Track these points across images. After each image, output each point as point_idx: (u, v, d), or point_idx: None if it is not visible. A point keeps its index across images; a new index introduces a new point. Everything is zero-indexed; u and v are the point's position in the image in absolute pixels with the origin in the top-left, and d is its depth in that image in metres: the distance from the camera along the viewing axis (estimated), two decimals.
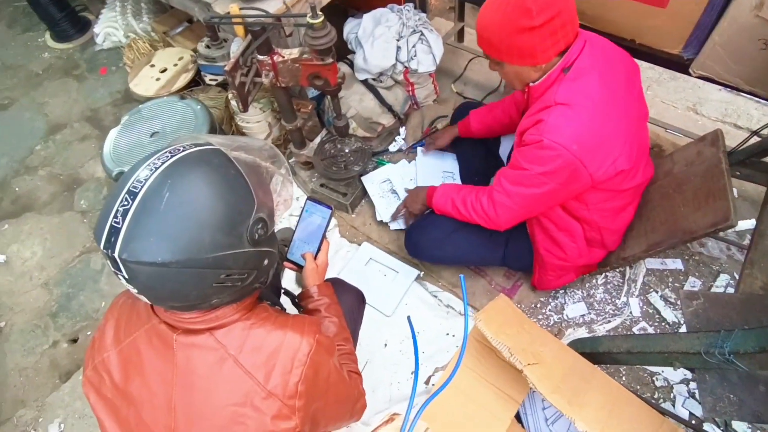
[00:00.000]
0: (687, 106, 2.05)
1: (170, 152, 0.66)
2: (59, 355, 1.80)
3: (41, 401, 1.67)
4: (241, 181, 0.68)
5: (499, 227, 1.31)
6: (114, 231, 0.60)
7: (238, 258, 0.67)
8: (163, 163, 0.63)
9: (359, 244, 1.83)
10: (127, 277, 0.62)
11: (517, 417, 1.26)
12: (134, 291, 0.65)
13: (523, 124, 1.19)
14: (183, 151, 0.67)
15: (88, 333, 1.84)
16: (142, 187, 0.61)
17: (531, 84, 1.18)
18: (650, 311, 1.55)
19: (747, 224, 1.64)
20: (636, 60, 1.25)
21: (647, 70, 2.12)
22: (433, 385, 1.46)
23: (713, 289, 1.57)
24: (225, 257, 0.65)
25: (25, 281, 1.99)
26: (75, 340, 1.83)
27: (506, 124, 1.59)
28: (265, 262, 0.74)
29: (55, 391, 1.69)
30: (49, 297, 1.95)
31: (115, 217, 0.60)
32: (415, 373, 0.48)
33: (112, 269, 0.64)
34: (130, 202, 0.60)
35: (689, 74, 1.44)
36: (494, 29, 1.08)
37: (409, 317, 0.67)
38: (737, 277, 1.55)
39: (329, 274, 1.14)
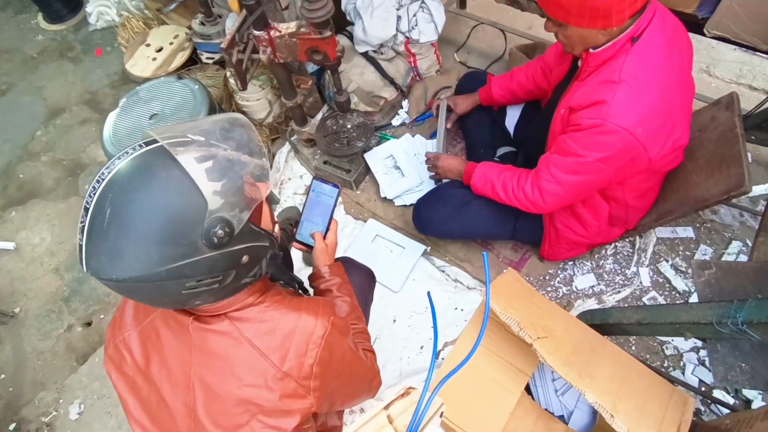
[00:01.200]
0: (700, 68, 1.98)
1: (118, 158, 0.61)
2: (75, 339, 1.83)
3: (60, 383, 1.72)
4: (185, 183, 0.59)
5: (544, 212, 1.28)
6: (80, 248, 0.59)
7: (198, 265, 0.61)
8: (109, 173, 0.60)
9: (365, 221, 1.82)
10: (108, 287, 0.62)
11: (527, 389, 1.27)
12: None
13: (576, 99, 1.08)
14: (126, 156, 0.61)
15: (102, 316, 1.87)
16: (91, 203, 0.59)
17: (592, 50, 1.06)
18: (660, 281, 1.54)
19: (761, 189, 1.61)
20: None
21: None
22: (443, 359, 1.47)
23: (725, 257, 1.54)
24: (180, 268, 0.60)
25: (36, 267, 2.02)
26: (89, 324, 1.87)
27: (531, 91, 1.51)
28: (244, 258, 0.68)
29: (73, 373, 1.73)
30: (60, 282, 1.97)
31: (80, 233, 0.59)
32: (434, 347, 0.47)
33: None
34: (84, 219, 0.59)
35: (703, 34, 1.38)
36: None
37: (428, 293, 0.65)
38: (750, 243, 1.52)
39: (336, 252, 1.14)
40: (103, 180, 0.59)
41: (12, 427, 1.64)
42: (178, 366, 0.76)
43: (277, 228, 0.81)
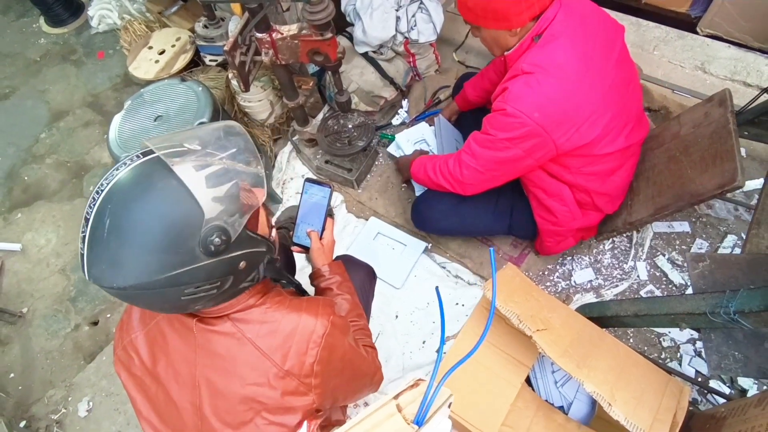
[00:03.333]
0: (695, 65, 2.00)
1: (116, 168, 0.63)
2: (82, 338, 1.86)
3: (69, 381, 1.74)
4: (182, 193, 0.61)
5: (465, 191, 1.35)
6: (81, 257, 0.61)
7: (196, 273, 0.63)
8: (108, 184, 0.61)
9: (366, 219, 1.84)
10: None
11: (528, 381, 1.30)
12: None
13: (495, 92, 1.22)
14: (124, 167, 0.63)
15: (108, 315, 1.90)
16: (91, 213, 0.60)
17: (507, 52, 1.21)
18: (657, 274, 1.57)
19: (755, 184, 1.63)
20: (642, 20, 1.22)
21: (653, 29, 2.06)
22: (444, 353, 1.50)
23: (720, 251, 1.57)
24: (179, 275, 0.61)
25: (42, 268, 2.04)
26: (96, 323, 1.89)
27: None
28: (241, 264, 0.69)
29: (81, 371, 1.76)
30: (67, 282, 2.00)
31: (81, 242, 0.61)
32: (441, 338, 0.49)
33: None
34: (85, 229, 0.60)
35: (697, 33, 1.41)
36: None
37: (437, 288, 0.68)
38: (744, 237, 1.55)
39: (338, 251, 1.16)
40: (102, 191, 0.61)
41: (23, 424, 1.66)
42: (183, 366, 0.79)
43: (274, 232, 0.83)
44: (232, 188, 0.64)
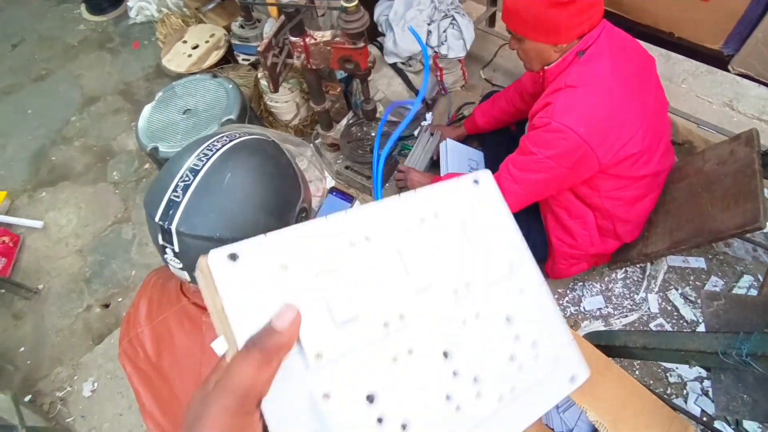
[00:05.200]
0: (723, 102, 2.00)
1: (228, 137, 0.68)
2: (92, 319, 1.90)
3: (76, 361, 1.78)
4: (291, 171, 0.72)
5: None
6: (173, 204, 0.62)
7: None
8: (223, 146, 0.66)
9: None
10: (177, 250, 0.64)
11: None
12: (177, 266, 0.67)
13: (535, 108, 1.21)
14: (240, 137, 0.69)
15: (120, 299, 1.93)
16: (203, 165, 0.63)
17: (547, 67, 1.21)
18: (669, 308, 1.55)
19: None
20: (672, 53, 1.23)
21: (683, 63, 2.06)
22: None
23: (735, 290, 1.55)
24: None
25: (61, 247, 2.09)
26: (107, 306, 1.93)
27: (511, 113, 1.65)
28: None
29: (89, 352, 1.79)
30: (83, 263, 2.04)
31: (175, 191, 0.63)
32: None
33: (161, 242, 0.65)
34: (192, 178, 0.63)
35: (728, 70, 1.41)
36: (528, 1, 1.12)
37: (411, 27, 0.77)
38: (761, 279, 1.53)
39: None
40: (217, 150, 0.65)
41: (28, 398, 1.70)
42: (188, 364, 0.79)
43: None
44: (316, 179, 0.81)
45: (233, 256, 0.33)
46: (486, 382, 0.39)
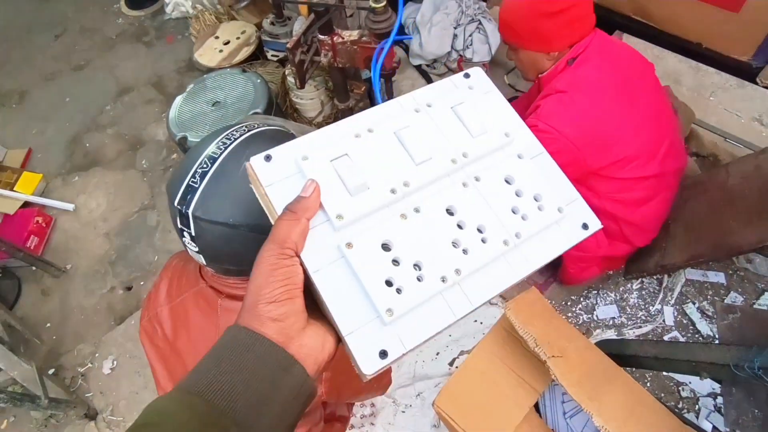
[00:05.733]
0: (752, 117, 1.95)
1: (246, 127, 0.71)
2: (115, 300, 1.97)
3: (98, 339, 1.85)
4: None
5: None
6: (191, 189, 0.66)
7: None
8: (241, 135, 0.68)
9: None
10: (194, 234, 0.68)
11: (536, 407, 1.29)
12: (194, 249, 0.70)
13: (528, 112, 1.26)
14: (259, 127, 0.71)
15: (142, 283, 2.00)
16: (221, 153, 0.66)
17: (541, 75, 1.26)
18: (684, 322, 1.53)
19: None
20: (702, 65, 1.24)
21: (713, 75, 2.02)
22: (456, 367, 1.51)
23: (755, 307, 1.52)
24: None
25: (89, 229, 2.18)
26: (129, 288, 2.00)
27: None
28: None
29: (110, 331, 1.86)
30: (109, 246, 2.12)
31: (193, 177, 0.66)
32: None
33: (179, 226, 0.69)
34: (210, 165, 0.66)
35: (756, 83, 1.39)
36: (519, 13, 1.19)
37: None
38: None
39: None
40: (236, 138, 0.68)
41: (51, 372, 1.77)
42: (203, 344, 0.82)
43: None
44: None
45: (268, 157, 0.44)
46: (490, 230, 0.45)
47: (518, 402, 1.17)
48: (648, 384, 1.45)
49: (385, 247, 0.42)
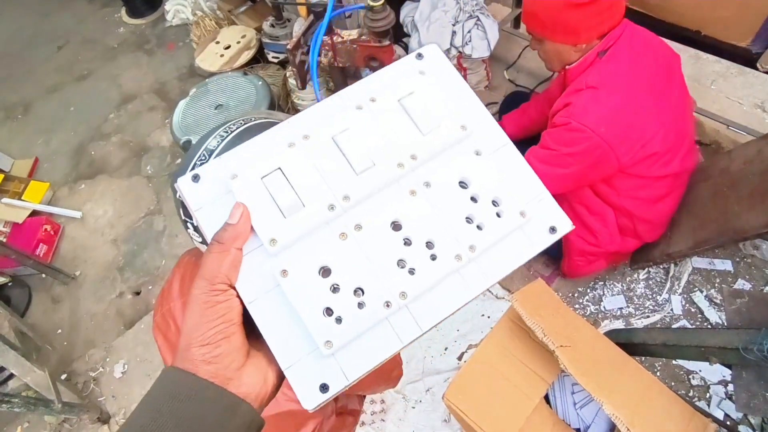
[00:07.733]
0: (754, 104, 1.95)
1: (243, 120, 0.72)
2: (124, 305, 1.99)
3: (108, 344, 1.87)
4: None
5: None
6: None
7: None
8: (238, 128, 0.70)
9: None
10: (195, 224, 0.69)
11: (546, 398, 1.29)
12: (198, 240, 0.72)
13: (555, 107, 1.22)
14: (255, 120, 0.73)
15: (150, 287, 2.02)
16: (218, 146, 0.68)
17: (568, 66, 1.22)
18: (693, 310, 1.53)
19: None
20: (702, 53, 1.23)
21: (713, 64, 2.03)
22: (465, 361, 1.52)
23: (764, 291, 1.52)
24: None
25: (97, 237, 2.20)
26: (138, 293, 2.02)
27: (542, 122, 1.62)
28: None
29: (120, 336, 1.88)
30: (117, 252, 2.14)
31: (193, 169, 0.68)
32: None
33: (183, 217, 0.71)
34: (207, 157, 0.68)
35: (756, 69, 1.39)
36: (545, 3, 1.13)
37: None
38: None
39: None
40: (233, 131, 0.69)
41: (64, 377, 1.79)
42: None
43: None
44: None
45: (196, 177, 0.41)
46: (440, 245, 0.40)
47: (528, 393, 1.18)
48: (658, 373, 1.45)
49: (325, 272, 0.39)
